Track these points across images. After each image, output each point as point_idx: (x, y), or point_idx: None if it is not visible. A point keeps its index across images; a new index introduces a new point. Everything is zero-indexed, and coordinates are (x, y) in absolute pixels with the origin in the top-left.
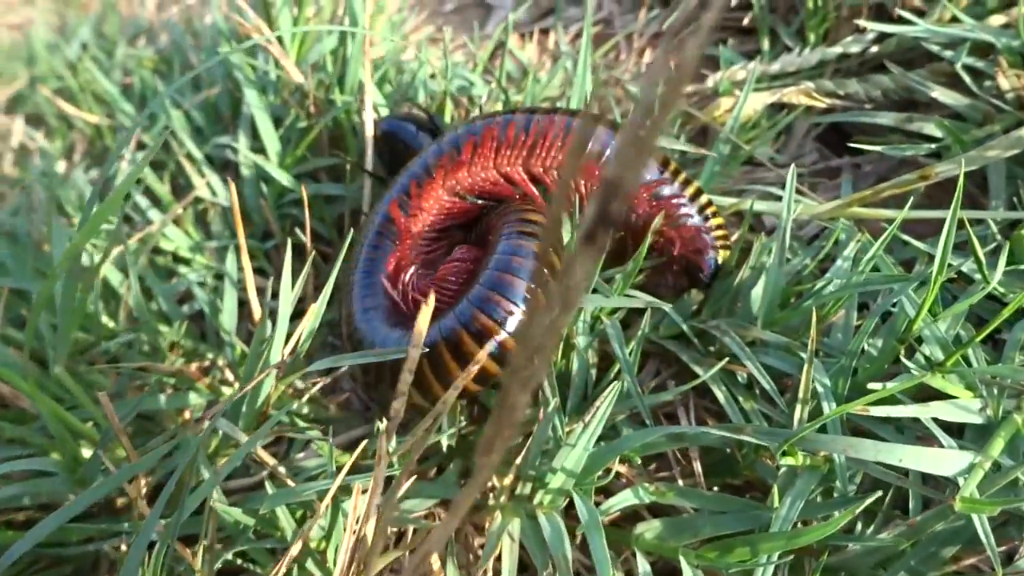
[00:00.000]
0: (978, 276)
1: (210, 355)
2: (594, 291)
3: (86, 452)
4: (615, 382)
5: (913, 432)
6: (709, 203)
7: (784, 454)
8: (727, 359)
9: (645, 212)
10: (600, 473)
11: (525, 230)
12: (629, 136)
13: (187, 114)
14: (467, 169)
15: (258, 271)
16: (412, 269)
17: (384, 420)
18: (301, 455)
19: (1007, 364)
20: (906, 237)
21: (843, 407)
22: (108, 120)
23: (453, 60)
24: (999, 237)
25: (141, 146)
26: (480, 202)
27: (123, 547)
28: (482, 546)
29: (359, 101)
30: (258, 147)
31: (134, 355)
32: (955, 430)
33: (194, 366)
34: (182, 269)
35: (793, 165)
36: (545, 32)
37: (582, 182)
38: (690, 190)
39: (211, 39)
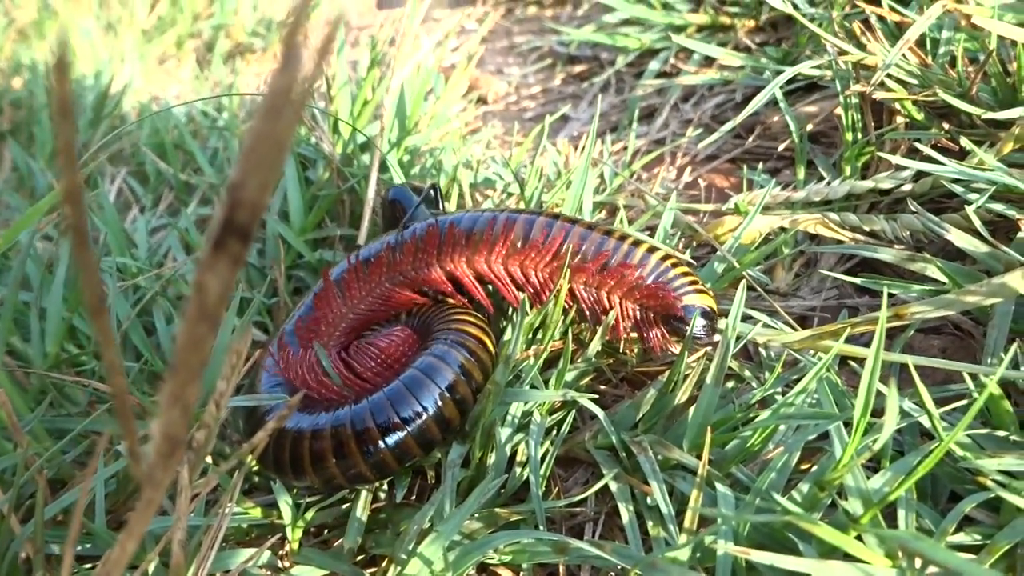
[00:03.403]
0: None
1: None
2: (532, 387)
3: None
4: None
5: None
6: (667, 256)
7: None
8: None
9: (595, 284)
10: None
11: (460, 340)
12: (254, 140)
13: None
14: (410, 263)
15: (260, 326)
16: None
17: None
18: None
19: (940, 536)
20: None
21: (695, 539)
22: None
23: (492, 155)
24: (976, 395)
25: (205, 201)
26: (421, 298)
27: None
28: None
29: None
30: (286, 210)
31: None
32: None
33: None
34: None
35: (744, 280)
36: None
37: (532, 272)
38: (641, 249)
39: None
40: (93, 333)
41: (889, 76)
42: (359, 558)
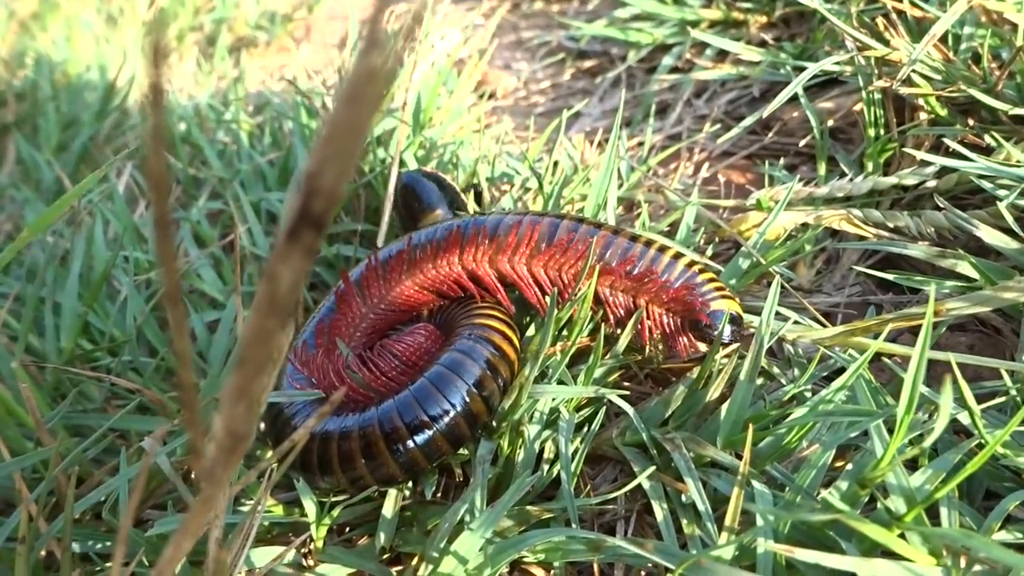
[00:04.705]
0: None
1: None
2: (560, 382)
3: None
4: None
5: None
6: (693, 263)
7: None
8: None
9: (622, 288)
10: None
11: (485, 335)
12: (333, 127)
13: (259, 170)
14: (432, 263)
15: None
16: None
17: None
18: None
19: (984, 534)
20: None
21: (740, 538)
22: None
23: (507, 149)
24: (1014, 392)
25: (215, 196)
26: (442, 300)
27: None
28: None
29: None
30: None
31: (125, 372)
32: None
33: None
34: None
35: (778, 277)
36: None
37: (556, 274)
38: (667, 255)
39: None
40: (170, 321)
41: (914, 71)
42: (384, 556)
